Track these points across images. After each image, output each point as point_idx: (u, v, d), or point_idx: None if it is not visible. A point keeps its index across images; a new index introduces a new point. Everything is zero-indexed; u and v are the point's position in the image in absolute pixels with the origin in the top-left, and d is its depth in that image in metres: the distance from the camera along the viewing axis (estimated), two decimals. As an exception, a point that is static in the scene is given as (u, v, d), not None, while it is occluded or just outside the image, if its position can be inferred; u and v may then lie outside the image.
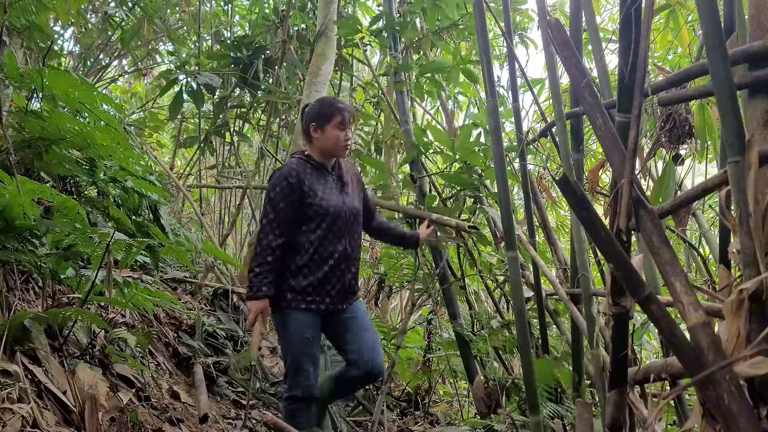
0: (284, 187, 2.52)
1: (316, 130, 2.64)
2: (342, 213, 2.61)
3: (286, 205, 2.50)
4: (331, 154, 2.67)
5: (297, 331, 2.52)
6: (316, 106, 2.69)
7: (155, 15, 5.86)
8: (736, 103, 1.26)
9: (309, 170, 2.61)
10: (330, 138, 2.63)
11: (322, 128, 2.62)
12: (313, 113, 2.66)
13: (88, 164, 2.91)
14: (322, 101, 2.74)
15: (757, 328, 1.15)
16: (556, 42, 1.36)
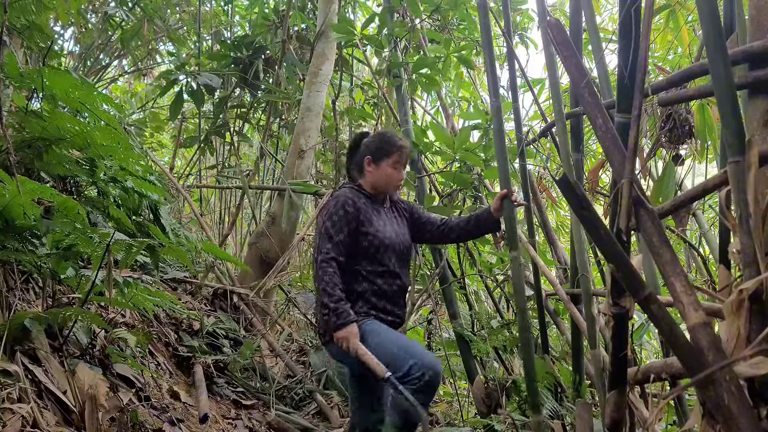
0: (341, 216, 2.41)
1: (371, 164, 2.56)
2: (395, 246, 2.52)
3: (345, 234, 2.40)
4: (382, 190, 2.60)
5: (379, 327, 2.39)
6: (375, 141, 2.59)
7: (155, 15, 5.86)
8: (736, 103, 1.26)
9: (363, 200, 2.52)
10: (383, 175, 2.55)
11: (377, 164, 2.55)
12: (372, 147, 2.58)
13: (88, 164, 2.91)
14: (381, 136, 2.62)
15: (757, 328, 1.15)
16: (556, 42, 1.36)
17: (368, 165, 2.56)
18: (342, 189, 2.60)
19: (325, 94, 5.42)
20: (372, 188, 2.58)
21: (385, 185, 2.58)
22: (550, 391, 3.16)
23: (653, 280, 2.21)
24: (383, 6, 4.36)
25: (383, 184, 2.57)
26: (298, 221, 5.23)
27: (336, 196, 2.51)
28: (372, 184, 2.58)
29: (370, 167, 2.56)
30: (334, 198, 2.52)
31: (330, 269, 2.33)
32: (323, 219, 2.45)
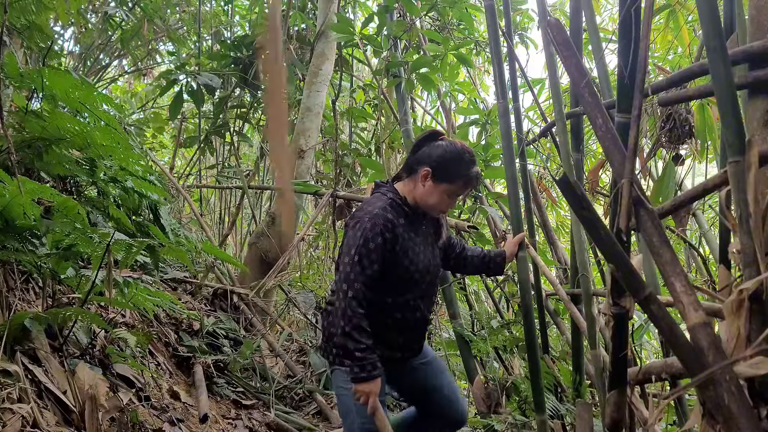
0: (379, 245, 2.03)
1: (428, 178, 2.13)
2: (427, 276, 2.21)
3: (378, 265, 2.04)
4: (422, 207, 2.19)
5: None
6: (447, 156, 2.13)
7: (155, 15, 5.86)
8: (736, 103, 1.27)
9: (403, 220, 2.13)
10: (435, 197, 2.15)
11: (436, 183, 2.13)
12: (438, 160, 2.13)
13: (88, 164, 2.91)
14: (457, 154, 2.13)
15: (757, 328, 1.15)
16: (556, 42, 1.36)
17: (424, 178, 2.14)
18: (383, 199, 2.14)
19: (325, 94, 5.42)
20: (415, 201, 2.19)
21: (430, 207, 2.18)
22: (550, 390, 3.16)
23: (653, 280, 2.21)
24: (380, 6, 4.37)
25: (429, 205, 2.17)
26: (298, 221, 5.23)
27: (375, 214, 2.06)
28: (417, 199, 2.17)
29: (426, 182, 2.14)
30: (371, 214, 2.07)
31: (360, 310, 2.00)
32: (357, 239, 2.03)
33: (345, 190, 5.11)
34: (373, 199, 2.18)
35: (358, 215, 2.12)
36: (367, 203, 2.16)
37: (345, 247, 2.08)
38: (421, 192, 2.16)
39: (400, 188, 2.21)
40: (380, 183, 2.28)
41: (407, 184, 2.20)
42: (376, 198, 2.17)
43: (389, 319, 2.14)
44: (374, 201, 2.15)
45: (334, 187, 4.79)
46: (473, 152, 2.18)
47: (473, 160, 2.15)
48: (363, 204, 2.19)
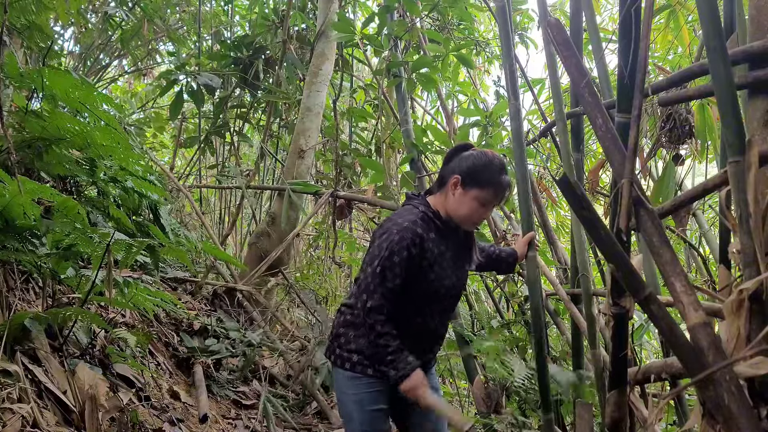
0: (404, 258, 1.97)
1: (458, 186, 2.07)
2: (451, 290, 2.15)
3: (401, 279, 1.99)
4: (455, 219, 2.12)
5: (367, 401, 2.09)
6: (475, 161, 2.07)
7: (155, 15, 5.86)
8: (737, 103, 1.27)
9: (433, 234, 2.07)
10: (466, 206, 2.07)
11: (465, 189, 2.06)
12: (466, 167, 2.07)
13: (88, 164, 2.91)
14: (486, 159, 2.08)
15: (757, 328, 1.15)
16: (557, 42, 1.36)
17: (454, 186, 2.07)
18: (414, 212, 2.08)
19: (325, 94, 5.42)
20: (447, 215, 2.12)
21: (462, 218, 2.10)
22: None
23: (653, 280, 2.21)
24: (380, 6, 4.37)
25: (461, 216, 2.10)
26: (297, 221, 5.23)
27: (404, 228, 2.01)
28: (449, 211, 2.10)
29: (456, 190, 2.07)
30: (401, 226, 2.01)
31: (381, 317, 1.97)
32: (383, 251, 1.98)
33: (345, 190, 5.11)
34: (403, 211, 2.12)
35: (387, 226, 2.06)
36: (398, 215, 2.10)
37: (369, 257, 2.04)
38: (452, 202, 2.10)
39: (432, 201, 2.15)
40: (412, 195, 2.20)
41: (438, 197, 2.14)
42: (407, 210, 2.11)
43: (403, 328, 2.08)
44: (405, 213, 2.09)
45: (335, 187, 4.79)
46: (503, 160, 2.13)
47: (503, 168, 2.10)
48: (393, 215, 2.13)
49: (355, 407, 2.11)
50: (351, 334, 2.13)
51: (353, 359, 2.11)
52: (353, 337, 2.12)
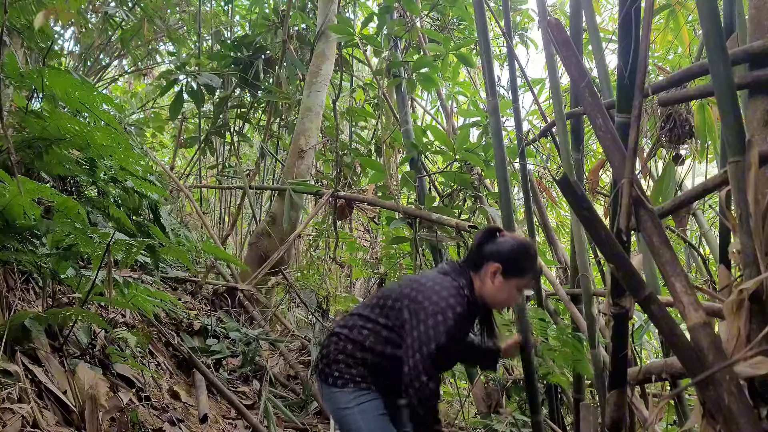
0: (450, 327, 2.02)
1: (498, 275, 2.11)
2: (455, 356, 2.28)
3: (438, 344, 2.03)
4: (490, 304, 2.19)
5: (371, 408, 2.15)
6: (516, 252, 2.13)
7: (155, 15, 5.86)
8: (737, 103, 1.27)
9: (467, 314, 2.12)
10: (506, 293, 2.14)
11: (507, 278, 2.11)
12: (508, 257, 2.11)
13: (88, 164, 2.91)
14: (525, 250, 2.15)
15: (757, 328, 1.15)
16: (557, 42, 1.36)
17: (494, 274, 2.11)
18: (459, 292, 2.10)
19: (325, 94, 5.42)
20: (481, 297, 2.16)
21: (498, 302, 2.18)
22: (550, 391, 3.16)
23: (653, 280, 2.21)
24: (380, 6, 4.37)
25: (497, 301, 2.17)
26: (298, 221, 5.23)
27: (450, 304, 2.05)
28: (485, 295, 2.15)
29: (495, 278, 2.12)
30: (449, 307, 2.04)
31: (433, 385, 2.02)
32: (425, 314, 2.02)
33: (345, 190, 5.11)
34: (447, 283, 2.12)
35: (431, 297, 2.06)
36: (442, 286, 2.10)
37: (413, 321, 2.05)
38: (490, 288, 2.14)
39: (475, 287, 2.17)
40: (453, 266, 2.21)
41: (475, 279, 2.17)
42: (451, 285, 2.12)
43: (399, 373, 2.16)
44: (449, 288, 2.10)
45: (335, 187, 4.79)
46: (534, 245, 2.25)
47: (536, 253, 2.20)
48: (435, 283, 2.12)
49: (361, 416, 2.14)
50: (350, 361, 2.17)
51: (356, 380, 2.15)
52: (353, 363, 2.17)
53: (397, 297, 2.17)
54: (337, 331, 2.27)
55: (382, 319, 2.18)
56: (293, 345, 4.68)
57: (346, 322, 2.28)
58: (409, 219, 3.93)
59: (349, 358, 2.19)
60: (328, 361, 2.22)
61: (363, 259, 5.92)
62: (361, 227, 7.46)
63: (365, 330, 2.18)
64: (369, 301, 2.30)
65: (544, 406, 3.42)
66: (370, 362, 2.17)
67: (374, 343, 2.17)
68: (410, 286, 2.17)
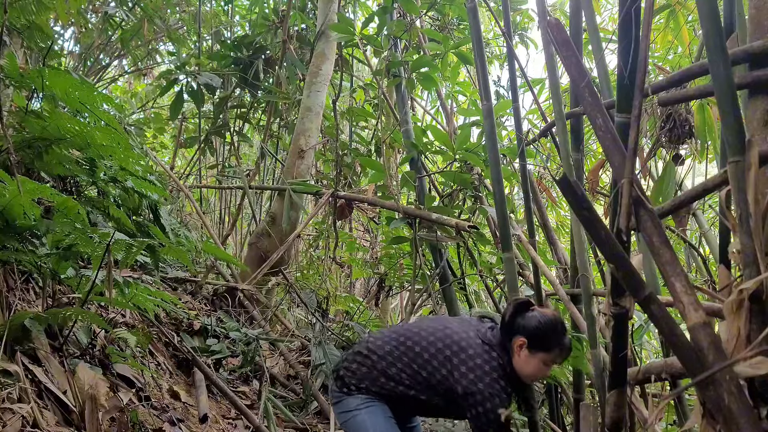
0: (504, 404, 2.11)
1: (524, 348, 2.18)
2: None
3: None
4: (521, 376, 2.24)
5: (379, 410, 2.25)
6: (543, 327, 2.18)
7: (155, 15, 5.86)
8: (737, 103, 1.27)
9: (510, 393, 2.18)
10: (532, 366, 2.19)
11: (533, 352, 2.17)
12: (534, 331, 2.17)
13: (88, 164, 2.91)
14: (553, 325, 2.19)
15: (757, 328, 1.15)
16: (556, 42, 1.36)
17: (520, 348, 2.18)
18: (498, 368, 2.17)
19: (325, 93, 5.42)
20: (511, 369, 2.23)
21: (525, 377, 2.22)
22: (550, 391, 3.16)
23: (653, 280, 2.21)
24: (380, 6, 4.37)
25: (525, 375, 2.21)
26: (298, 221, 5.23)
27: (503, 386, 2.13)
28: (514, 366, 2.21)
29: (523, 351, 2.18)
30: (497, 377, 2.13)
31: None
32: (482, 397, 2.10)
33: (345, 190, 5.11)
34: (495, 363, 2.17)
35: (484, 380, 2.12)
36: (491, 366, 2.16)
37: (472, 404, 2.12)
38: (517, 362, 2.20)
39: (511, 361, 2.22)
40: (495, 336, 2.25)
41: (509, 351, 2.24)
42: (498, 365, 2.17)
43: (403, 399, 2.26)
44: (498, 368, 2.16)
45: (335, 187, 4.79)
46: (564, 321, 2.26)
47: (565, 329, 2.23)
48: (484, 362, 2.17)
49: (369, 417, 2.21)
50: (374, 381, 2.27)
51: (371, 390, 2.26)
52: (375, 379, 2.26)
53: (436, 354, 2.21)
54: (366, 353, 2.31)
55: (415, 366, 2.23)
56: (293, 345, 4.68)
57: (375, 344, 2.32)
58: (409, 219, 3.93)
59: (372, 380, 2.26)
60: (353, 375, 2.30)
61: (363, 259, 5.92)
62: (361, 227, 7.46)
63: (394, 368, 2.25)
64: (400, 334, 2.32)
65: (544, 406, 3.42)
66: (389, 390, 2.25)
67: (400, 382, 2.24)
68: (455, 351, 2.20)
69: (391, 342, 2.30)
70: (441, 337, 2.25)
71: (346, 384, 2.29)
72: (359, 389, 2.26)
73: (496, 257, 4.17)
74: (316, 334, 4.49)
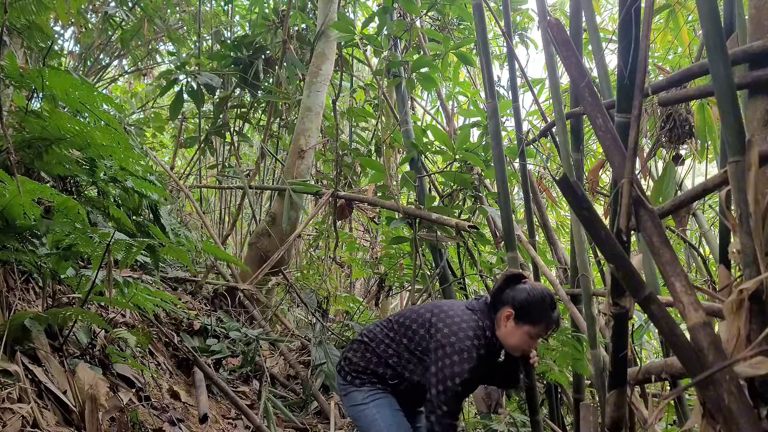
0: (473, 366, 2.13)
1: (510, 319, 2.20)
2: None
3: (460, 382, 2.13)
4: (505, 347, 2.26)
5: (386, 403, 2.28)
6: (529, 298, 2.19)
7: (155, 15, 5.86)
8: (737, 103, 1.27)
9: (485, 352, 2.20)
10: (517, 338, 2.20)
11: (518, 324, 2.18)
12: (520, 302, 2.19)
13: (88, 164, 2.91)
14: (539, 298, 2.19)
15: (757, 328, 1.15)
16: (556, 42, 1.36)
17: (506, 319, 2.20)
18: (479, 329, 2.19)
19: (325, 93, 5.42)
20: (497, 338, 2.25)
21: (510, 347, 2.24)
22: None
23: (653, 280, 2.21)
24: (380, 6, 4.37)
25: (511, 346, 2.23)
26: (298, 221, 5.23)
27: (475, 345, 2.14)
28: (499, 336, 2.23)
29: (508, 323, 2.20)
30: (473, 339, 2.15)
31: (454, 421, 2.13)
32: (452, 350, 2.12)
33: (345, 190, 5.11)
34: (473, 323, 2.20)
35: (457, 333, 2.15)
36: (468, 325, 2.18)
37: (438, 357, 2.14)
38: (503, 332, 2.22)
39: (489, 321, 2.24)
40: (480, 305, 2.28)
41: (495, 320, 2.26)
42: (477, 325, 2.20)
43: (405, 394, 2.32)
44: (474, 327, 2.18)
45: (335, 187, 4.79)
46: (554, 296, 2.26)
47: (554, 305, 2.23)
48: (462, 320, 2.19)
49: (377, 410, 2.26)
50: (370, 370, 2.32)
51: (372, 380, 2.31)
52: (371, 372, 2.32)
53: (422, 322, 2.27)
54: (362, 339, 2.40)
55: (405, 340, 2.28)
56: (293, 345, 4.68)
57: (371, 331, 2.40)
58: (409, 219, 3.93)
59: (369, 366, 2.32)
60: (350, 363, 2.37)
61: (363, 259, 5.92)
62: (361, 227, 7.46)
63: (389, 349, 2.31)
64: (394, 317, 2.41)
65: (544, 406, 3.42)
66: (389, 377, 2.30)
67: (396, 364, 2.29)
68: (435, 314, 2.26)
69: (386, 324, 2.39)
70: (429, 308, 2.32)
71: (347, 373, 2.35)
72: (361, 380, 2.31)
73: (496, 257, 4.17)
74: (316, 334, 4.49)
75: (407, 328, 2.29)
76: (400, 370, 2.28)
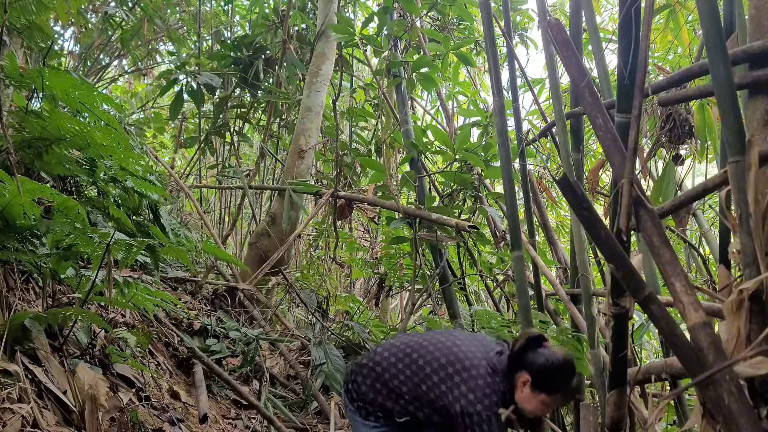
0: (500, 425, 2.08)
1: (527, 386, 2.12)
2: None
3: None
4: (521, 411, 2.17)
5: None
6: (549, 367, 2.10)
7: (155, 15, 5.86)
8: (737, 103, 1.27)
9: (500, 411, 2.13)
10: (533, 405, 2.13)
11: (535, 392, 2.11)
12: (538, 370, 2.10)
13: (88, 164, 2.91)
14: (559, 367, 2.10)
15: (757, 328, 1.15)
16: (557, 42, 1.36)
17: (523, 384, 2.12)
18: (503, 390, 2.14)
19: (325, 93, 5.42)
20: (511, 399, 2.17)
21: (526, 412, 2.16)
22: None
23: (653, 280, 2.21)
24: (380, 6, 4.37)
25: (525, 410, 2.15)
26: (298, 221, 5.23)
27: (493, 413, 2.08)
28: (517, 401, 2.15)
29: (524, 389, 2.12)
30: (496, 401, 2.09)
31: None
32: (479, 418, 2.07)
33: (345, 190, 5.11)
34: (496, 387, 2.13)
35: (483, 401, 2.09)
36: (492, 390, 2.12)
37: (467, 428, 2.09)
38: (519, 396, 2.14)
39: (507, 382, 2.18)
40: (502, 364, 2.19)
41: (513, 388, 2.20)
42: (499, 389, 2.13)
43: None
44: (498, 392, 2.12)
45: (335, 187, 4.79)
46: (574, 364, 2.16)
47: (573, 373, 2.14)
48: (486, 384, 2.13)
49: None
50: (379, 398, 2.25)
51: (378, 414, 2.26)
52: (383, 399, 2.25)
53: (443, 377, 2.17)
54: (373, 367, 2.30)
55: (423, 387, 2.19)
56: (293, 345, 4.68)
57: (383, 359, 2.30)
58: (409, 219, 3.93)
59: (378, 399, 2.26)
60: (358, 390, 2.31)
61: (363, 259, 5.92)
62: (361, 227, 7.46)
63: (404, 387, 2.22)
64: (404, 347, 2.30)
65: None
66: (396, 415, 2.23)
67: (408, 403, 2.22)
68: (458, 370, 2.16)
69: (397, 354, 2.28)
70: (447, 353, 2.21)
71: (354, 399, 2.31)
72: (367, 411, 2.27)
73: (496, 257, 4.17)
74: (316, 334, 4.49)
75: (420, 368, 2.21)
76: (412, 410, 2.22)
